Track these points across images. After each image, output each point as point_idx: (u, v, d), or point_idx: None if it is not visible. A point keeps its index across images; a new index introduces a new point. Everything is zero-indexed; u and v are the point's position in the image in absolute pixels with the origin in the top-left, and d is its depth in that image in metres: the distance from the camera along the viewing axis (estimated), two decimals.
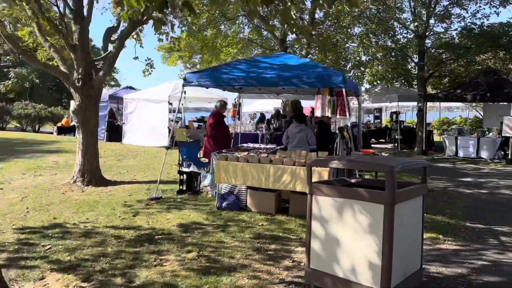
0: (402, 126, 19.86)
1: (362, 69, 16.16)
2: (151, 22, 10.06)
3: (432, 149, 17.45)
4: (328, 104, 6.46)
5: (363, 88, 20.34)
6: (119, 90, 22.73)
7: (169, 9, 6.57)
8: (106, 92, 24.27)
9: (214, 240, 5.02)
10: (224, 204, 6.41)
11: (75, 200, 7.07)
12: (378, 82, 16.73)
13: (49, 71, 8.88)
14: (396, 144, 18.95)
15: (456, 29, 16.53)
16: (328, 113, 6.45)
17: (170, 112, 22.27)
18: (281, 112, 14.46)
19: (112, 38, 9.27)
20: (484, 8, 16.11)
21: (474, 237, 5.73)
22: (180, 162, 8.09)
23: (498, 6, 15.90)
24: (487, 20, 16.22)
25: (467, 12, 16.47)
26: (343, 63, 18.00)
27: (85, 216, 6.00)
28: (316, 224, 3.46)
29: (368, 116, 24.14)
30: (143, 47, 10.46)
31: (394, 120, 20.01)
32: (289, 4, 4.73)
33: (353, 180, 3.92)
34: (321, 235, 3.42)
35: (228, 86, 6.94)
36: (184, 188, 7.68)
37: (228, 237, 5.14)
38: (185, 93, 7.41)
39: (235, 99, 14.37)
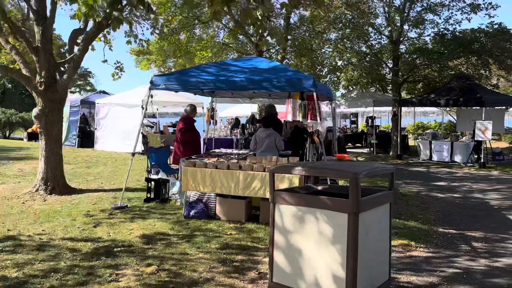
0: (377, 131, 19.96)
1: (338, 74, 16.14)
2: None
3: (407, 153, 17.57)
4: (299, 108, 6.30)
5: (339, 93, 20.42)
6: (91, 94, 22.20)
7: (127, 8, 6.31)
8: (78, 97, 23.70)
9: (177, 252, 4.76)
10: (192, 213, 6.16)
11: (34, 210, 6.69)
12: (354, 87, 16.75)
13: (10, 75, 8.47)
14: (372, 149, 19.03)
15: (429, 35, 16.73)
16: (299, 118, 6.29)
17: (145, 117, 21.99)
18: (257, 117, 14.32)
19: (78, 40, 8.92)
20: (456, 14, 16.30)
21: (446, 243, 5.63)
22: (149, 169, 7.80)
23: (469, 13, 16.17)
24: (459, 26, 16.51)
25: (440, 18, 16.72)
26: (319, 68, 18.01)
27: (42, 228, 5.64)
28: (279, 235, 3.25)
29: (345, 121, 24.23)
30: (112, 50, 10.13)
31: (369, 125, 20.10)
32: (255, 4, 4.56)
33: (319, 187, 3.74)
34: (284, 246, 3.22)
35: (197, 90, 6.71)
36: (152, 196, 7.39)
37: (193, 248, 4.88)
38: (151, 97, 7.15)
39: (209, 103, 14.15)
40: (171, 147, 8.89)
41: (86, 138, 19.14)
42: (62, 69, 8.36)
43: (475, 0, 15.85)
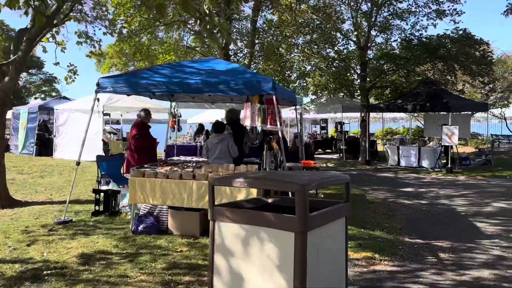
0: (346, 137, 19.86)
1: (307, 79, 15.91)
2: (71, 24, 9.13)
3: (376, 159, 17.48)
4: (258, 112, 5.89)
5: (308, 99, 20.25)
6: (50, 100, 21.21)
7: (77, 6, 5.76)
8: (36, 103, 22.61)
9: (116, 274, 4.23)
10: (140, 228, 5.63)
11: None
12: (322, 92, 16.56)
13: None
14: (341, 155, 18.88)
15: (396, 40, 16.74)
16: (258, 123, 5.89)
17: (108, 123, 21.13)
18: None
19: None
20: (422, 20, 16.37)
21: (412, 254, 5.32)
22: (99, 179, 7.21)
23: (435, 18, 16.30)
24: (426, 31, 16.63)
25: (407, 24, 16.80)
26: (288, 73, 17.76)
27: None
28: (220, 258, 2.81)
29: (315, 127, 24.08)
30: (64, 52, 9.47)
31: (339, 130, 19.97)
32: None
33: (270, 200, 3.32)
34: (225, 272, 2.77)
35: (148, 93, 6.21)
36: (101, 208, 6.80)
37: (134, 270, 4.37)
38: (98, 101, 6.60)
39: (174, 108, 13.59)
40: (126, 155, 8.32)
41: (45, 146, 18.19)
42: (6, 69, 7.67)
43: (440, 6, 15.97)
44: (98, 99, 6.52)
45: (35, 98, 36.75)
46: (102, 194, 6.80)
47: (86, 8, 9.16)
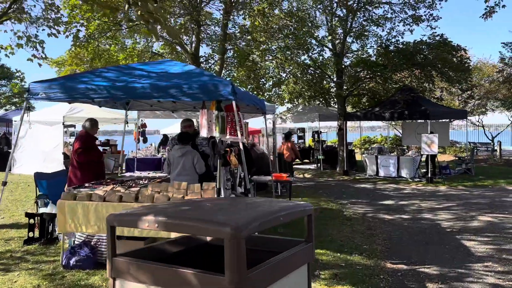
0: (324, 146, 19.20)
1: (282, 87, 15.20)
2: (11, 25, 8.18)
3: (354, 168, 16.85)
4: (215, 121, 5.06)
5: (284, 107, 19.54)
6: (10, 111, 19.93)
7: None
8: None
9: None
10: (73, 261, 4.68)
11: None
12: (296, 100, 15.87)
13: None
14: (319, 165, 18.20)
15: (372, 47, 16.23)
16: (216, 133, 5.06)
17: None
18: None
19: None
20: (398, 26, 15.92)
21: (396, 286, 4.54)
22: (36, 200, 6.23)
23: (411, 24, 15.88)
24: (402, 38, 16.18)
25: (383, 30, 16.32)
26: (262, 81, 17.03)
27: None
28: None
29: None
30: (9, 57, 8.48)
31: (316, 140, 19.31)
32: None
33: (209, 238, 2.47)
34: None
35: (86, 99, 5.31)
36: (37, 235, 5.81)
37: None
38: (29, 110, 5.65)
39: (139, 119, 12.64)
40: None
41: (3, 160, 16.90)
42: None
43: (416, 12, 15.56)
44: (29, 108, 5.55)
45: (5, 110, 34.68)
46: (37, 218, 5.81)
47: (34, 8, 8.23)
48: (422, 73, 15.95)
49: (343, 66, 16.11)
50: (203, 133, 5.10)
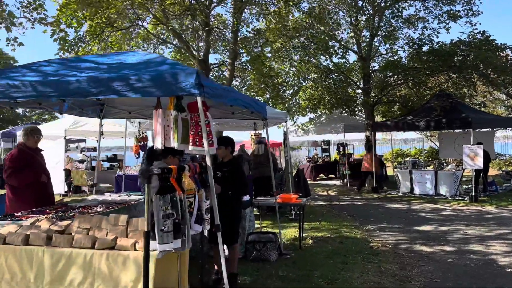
0: (350, 160, 17.38)
1: (300, 93, 13.66)
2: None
3: (385, 184, 14.97)
4: (173, 125, 3.59)
5: (306, 118, 17.93)
6: (18, 126, 19.24)
7: None
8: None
9: None
10: None
11: None
12: (314, 108, 14.23)
13: None
14: (345, 180, 16.40)
15: (402, 47, 14.45)
16: (174, 142, 3.60)
17: (84, 150, 19.00)
18: None
19: None
20: (432, 22, 14.13)
21: None
22: None
23: (447, 21, 14.05)
24: (437, 36, 14.38)
25: (415, 30, 14.59)
26: (283, 88, 15.51)
27: None
28: None
29: (315, 149, 21.66)
30: None
31: (341, 153, 17.54)
32: None
33: None
34: None
35: (8, 100, 3.96)
36: None
37: None
38: None
39: (139, 130, 11.37)
40: None
41: None
42: None
43: (453, 7, 13.73)
44: None
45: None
46: None
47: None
48: (461, 76, 14.07)
49: (370, 71, 14.43)
50: (157, 143, 3.64)
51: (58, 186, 14.20)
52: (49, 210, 4.50)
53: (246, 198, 6.17)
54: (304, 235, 7.19)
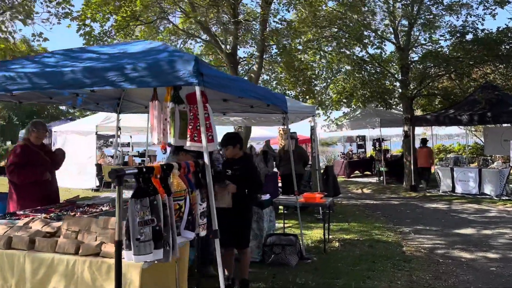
0: (387, 156, 16.57)
1: (330, 86, 13.04)
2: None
3: (427, 183, 14.14)
4: (170, 118, 3.25)
5: (340, 113, 17.25)
6: (56, 122, 19.72)
7: None
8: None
9: None
10: None
11: None
12: (346, 102, 13.55)
13: None
14: (381, 178, 15.65)
15: (443, 36, 13.49)
16: (170, 138, 3.26)
17: (118, 146, 19.20)
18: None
19: None
20: (477, 8, 13.07)
21: None
22: None
23: (494, 7, 12.96)
24: (482, 24, 13.31)
25: (458, 18, 13.56)
26: (315, 82, 14.91)
27: None
28: None
29: (350, 145, 20.89)
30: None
31: (377, 149, 16.75)
32: None
33: None
34: None
35: (3, 92, 3.76)
36: None
37: None
38: None
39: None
40: None
41: None
42: None
43: None
44: None
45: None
46: None
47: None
48: (509, 66, 12.97)
49: (408, 62, 13.57)
50: (154, 139, 3.32)
51: (90, 181, 14.43)
52: (55, 209, 4.30)
53: (266, 197, 5.79)
54: (330, 237, 6.72)
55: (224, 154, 4.63)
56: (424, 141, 14.12)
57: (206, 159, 2.99)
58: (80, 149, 14.74)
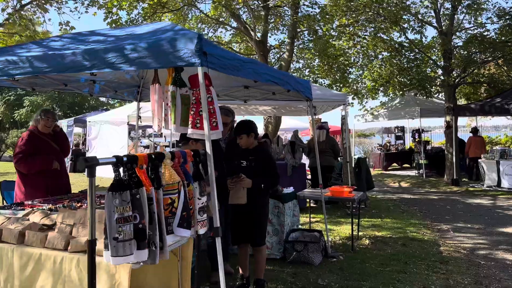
0: (427, 148, 15.72)
1: (365, 73, 12.39)
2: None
3: (472, 177, 13.30)
4: (171, 103, 2.96)
5: (377, 102, 16.51)
6: (89, 113, 20.12)
7: None
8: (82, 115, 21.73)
9: None
10: None
11: None
12: (381, 90, 12.83)
13: None
14: (420, 171, 14.87)
15: (490, 18, 12.49)
16: (171, 125, 2.97)
17: (151, 136, 19.37)
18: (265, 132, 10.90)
19: None
20: None
21: None
22: None
23: None
24: None
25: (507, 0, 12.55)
26: (349, 70, 14.27)
27: None
28: None
29: (388, 136, 20.05)
30: None
31: (416, 140, 15.92)
32: None
33: None
34: None
35: (4, 77, 3.59)
36: None
37: None
38: None
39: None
40: None
41: None
42: None
43: None
44: None
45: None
46: None
47: None
48: None
49: (452, 47, 12.69)
50: (154, 125, 3.04)
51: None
52: (64, 199, 4.15)
53: (289, 189, 5.43)
54: (360, 234, 6.28)
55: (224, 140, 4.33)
56: (475, 130, 13.77)
57: (208, 148, 2.68)
58: (113, 138, 14.94)
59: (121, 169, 2.19)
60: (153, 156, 2.29)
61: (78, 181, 13.09)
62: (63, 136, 4.83)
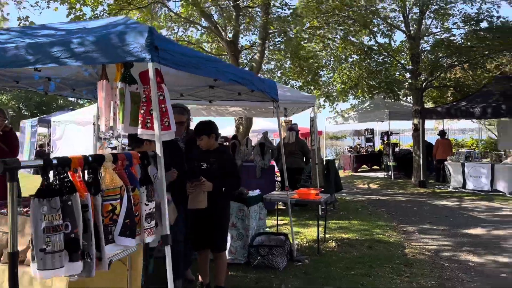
0: (396, 150, 15.95)
1: (334, 75, 12.44)
2: None
3: (439, 179, 13.52)
4: (119, 101, 2.78)
5: (347, 105, 16.67)
6: (56, 112, 19.47)
7: None
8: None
9: None
10: None
11: None
12: (350, 92, 12.93)
13: None
14: (389, 173, 15.06)
15: (456, 24, 12.77)
16: (119, 124, 2.79)
17: (118, 137, 18.90)
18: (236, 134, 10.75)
19: None
20: None
21: None
22: None
23: None
24: (497, 11, 12.58)
25: (472, 6, 12.81)
26: (320, 73, 14.29)
27: None
28: None
29: (358, 139, 20.27)
30: None
31: (385, 142, 16.13)
32: None
33: None
34: None
35: None
36: None
37: None
38: None
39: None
40: None
41: None
42: None
43: None
44: None
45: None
46: None
47: None
48: None
49: (420, 51, 12.90)
50: (102, 125, 2.85)
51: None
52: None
53: (255, 192, 5.30)
54: (327, 236, 6.22)
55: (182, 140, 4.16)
56: (443, 132, 13.77)
57: (158, 150, 2.51)
58: (78, 139, 14.45)
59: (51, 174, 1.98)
60: (90, 159, 2.10)
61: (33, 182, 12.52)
62: (12, 136, 4.55)
